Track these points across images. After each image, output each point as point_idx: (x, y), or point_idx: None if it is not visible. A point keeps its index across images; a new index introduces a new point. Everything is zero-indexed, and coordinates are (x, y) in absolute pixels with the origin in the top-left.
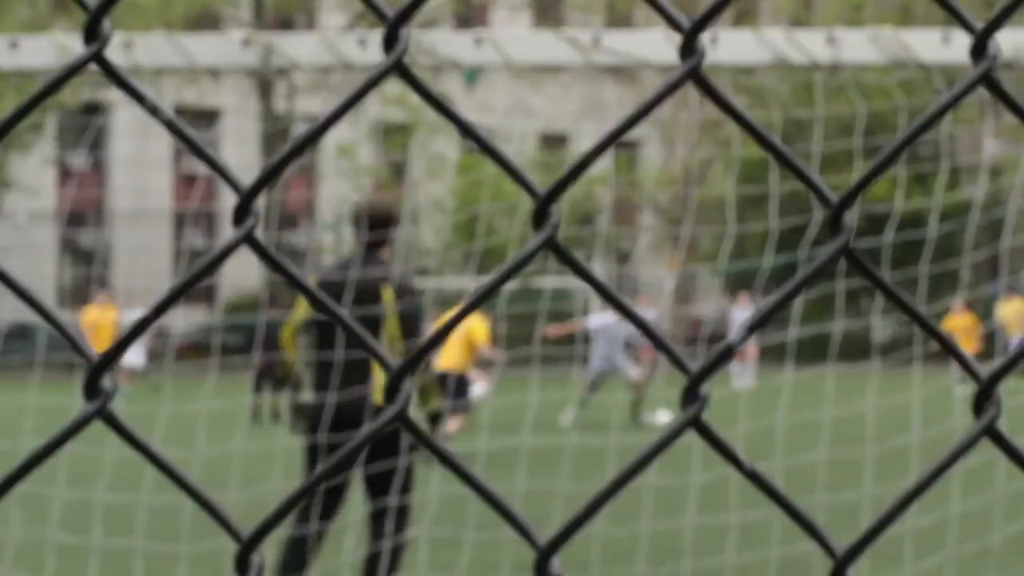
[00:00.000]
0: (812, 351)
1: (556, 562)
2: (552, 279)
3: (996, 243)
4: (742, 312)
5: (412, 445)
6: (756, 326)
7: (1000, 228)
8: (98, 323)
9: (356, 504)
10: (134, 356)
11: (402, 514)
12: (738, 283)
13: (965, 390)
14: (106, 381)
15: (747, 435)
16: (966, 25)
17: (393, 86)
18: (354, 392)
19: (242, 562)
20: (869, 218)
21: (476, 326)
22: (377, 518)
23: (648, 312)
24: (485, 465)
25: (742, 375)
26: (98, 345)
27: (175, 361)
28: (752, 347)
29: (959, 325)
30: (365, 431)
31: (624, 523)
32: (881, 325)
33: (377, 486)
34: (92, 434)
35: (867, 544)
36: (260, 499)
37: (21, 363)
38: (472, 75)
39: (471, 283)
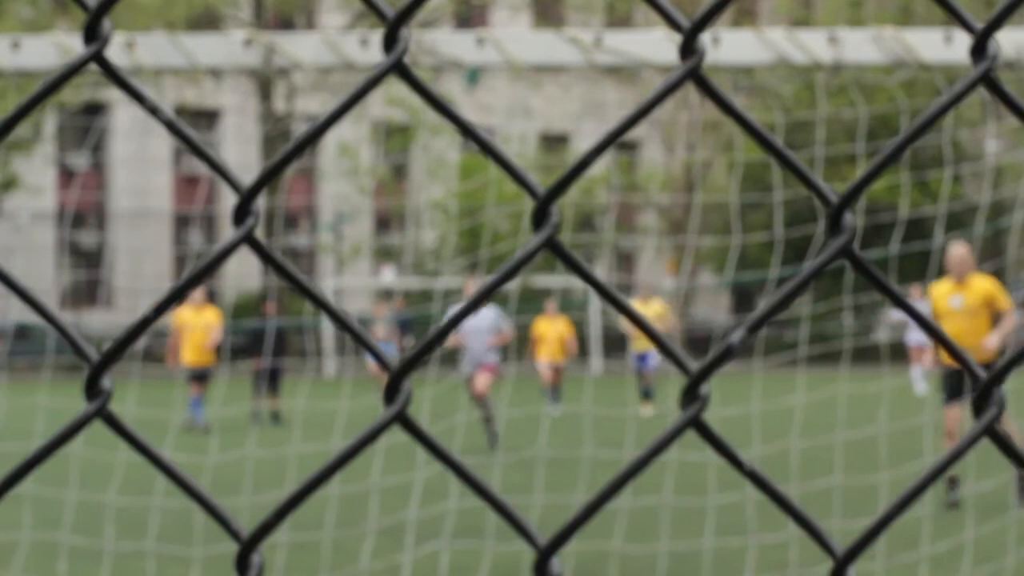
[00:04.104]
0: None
1: (556, 562)
2: (559, 278)
3: (1001, 257)
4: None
5: None
6: (757, 326)
7: (1004, 235)
8: (192, 324)
9: (374, 513)
10: None
11: None
12: (741, 288)
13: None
14: (106, 381)
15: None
16: (966, 25)
17: (397, 86)
18: None
19: (242, 562)
20: (871, 223)
21: None
22: None
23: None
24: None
25: (919, 379)
26: (188, 351)
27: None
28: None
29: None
30: (366, 431)
31: (642, 542)
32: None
33: None
34: (104, 437)
35: (866, 545)
36: (273, 504)
37: (27, 365)
38: (473, 75)
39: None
